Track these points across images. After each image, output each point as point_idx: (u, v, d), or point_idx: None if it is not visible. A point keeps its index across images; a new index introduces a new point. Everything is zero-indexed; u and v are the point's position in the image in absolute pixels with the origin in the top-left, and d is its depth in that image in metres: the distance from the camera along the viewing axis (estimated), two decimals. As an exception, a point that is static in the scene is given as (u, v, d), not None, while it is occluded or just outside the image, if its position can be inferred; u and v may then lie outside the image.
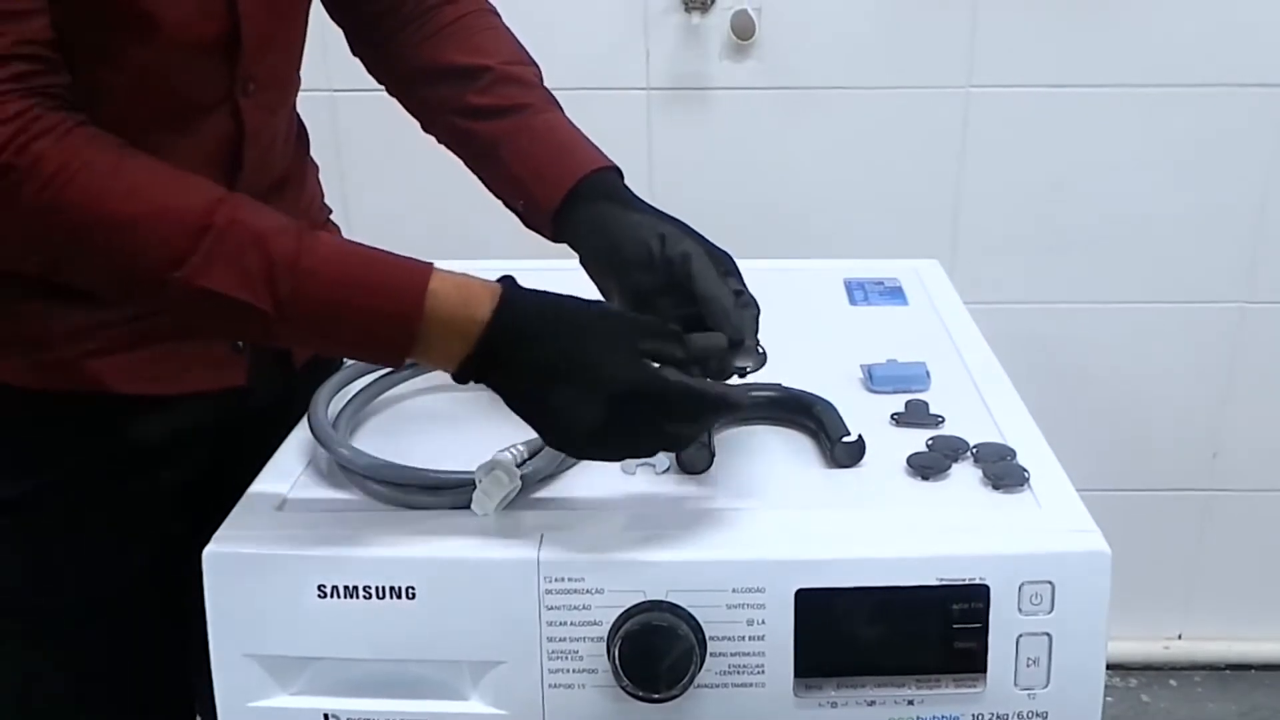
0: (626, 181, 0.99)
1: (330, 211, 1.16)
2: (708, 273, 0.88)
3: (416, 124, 1.05)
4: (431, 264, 0.80)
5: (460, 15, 1.04)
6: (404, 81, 1.05)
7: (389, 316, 0.78)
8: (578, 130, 1.01)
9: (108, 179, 0.75)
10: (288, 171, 1.04)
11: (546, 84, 1.06)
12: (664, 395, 0.79)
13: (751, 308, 0.90)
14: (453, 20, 1.03)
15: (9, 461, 0.91)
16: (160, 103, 0.87)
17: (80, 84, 0.79)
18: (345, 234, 1.17)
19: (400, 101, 1.05)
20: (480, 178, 1.01)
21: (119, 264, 0.77)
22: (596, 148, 1.00)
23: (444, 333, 0.78)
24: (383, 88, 1.07)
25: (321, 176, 1.14)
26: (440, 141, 1.03)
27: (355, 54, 1.07)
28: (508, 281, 0.81)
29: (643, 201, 0.97)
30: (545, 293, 0.81)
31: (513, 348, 0.78)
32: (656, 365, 0.80)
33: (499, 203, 1.01)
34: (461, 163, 1.02)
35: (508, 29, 1.08)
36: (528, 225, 0.98)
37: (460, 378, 0.80)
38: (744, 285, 0.92)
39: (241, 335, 0.90)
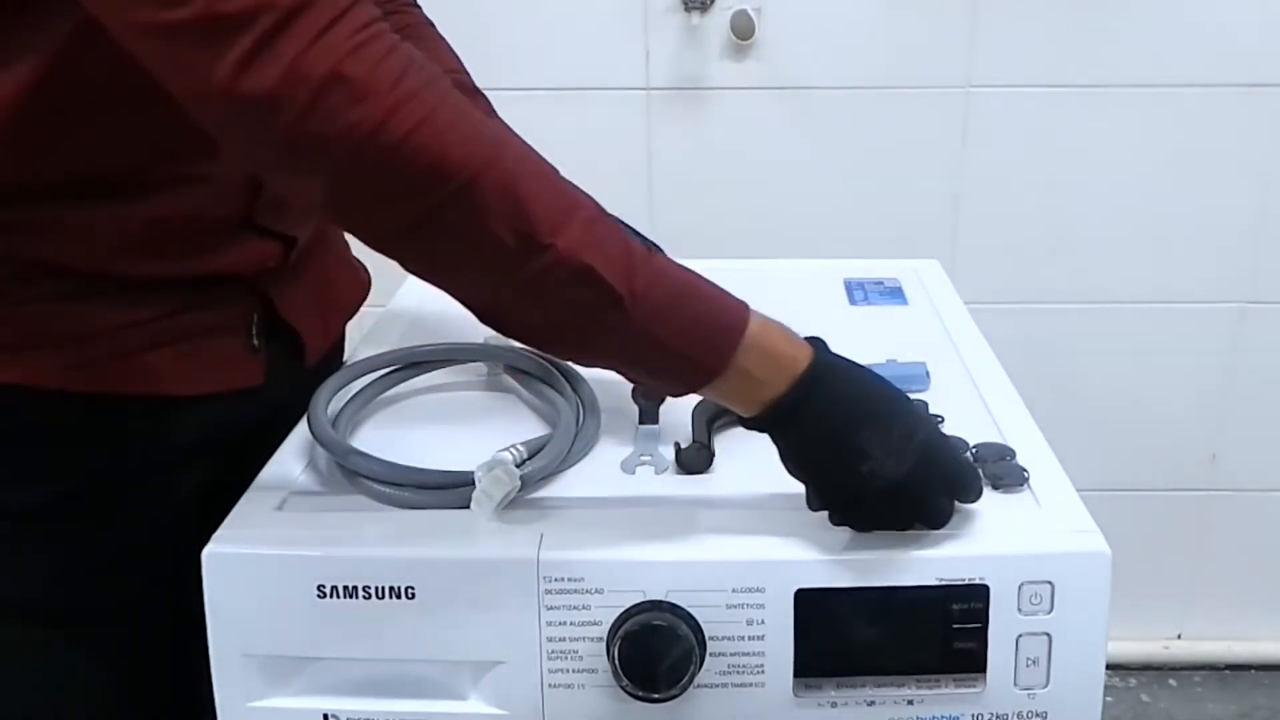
0: (626, 181, 0.99)
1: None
2: None
3: None
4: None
5: (401, 27, 1.02)
6: None
7: (719, 327, 0.77)
8: None
9: (498, 136, 0.74)
10: None
11: (546, 84, 1.06)
12: (958, 464, 0.82)
13: None
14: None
15: (33, 465, 0.91)
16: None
17: (127, 99, 0.79)
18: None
19: None
20: None
21: (506, 221, 0.72)
22: None
23: (763, 361, 0.78)
24: None
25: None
26: None
27: None
28: (818, 341, 0.83)
29: None
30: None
31: (834, 388, 0.79)
32: None
33: None
34: None
35: (444, 40, 1.09)
36: None
37: (759, 420, 0.80)
38: None
39: (571, 331, 0.80)
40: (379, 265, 1.19)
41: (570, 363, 0.81)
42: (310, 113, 0.68)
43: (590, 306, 0.75)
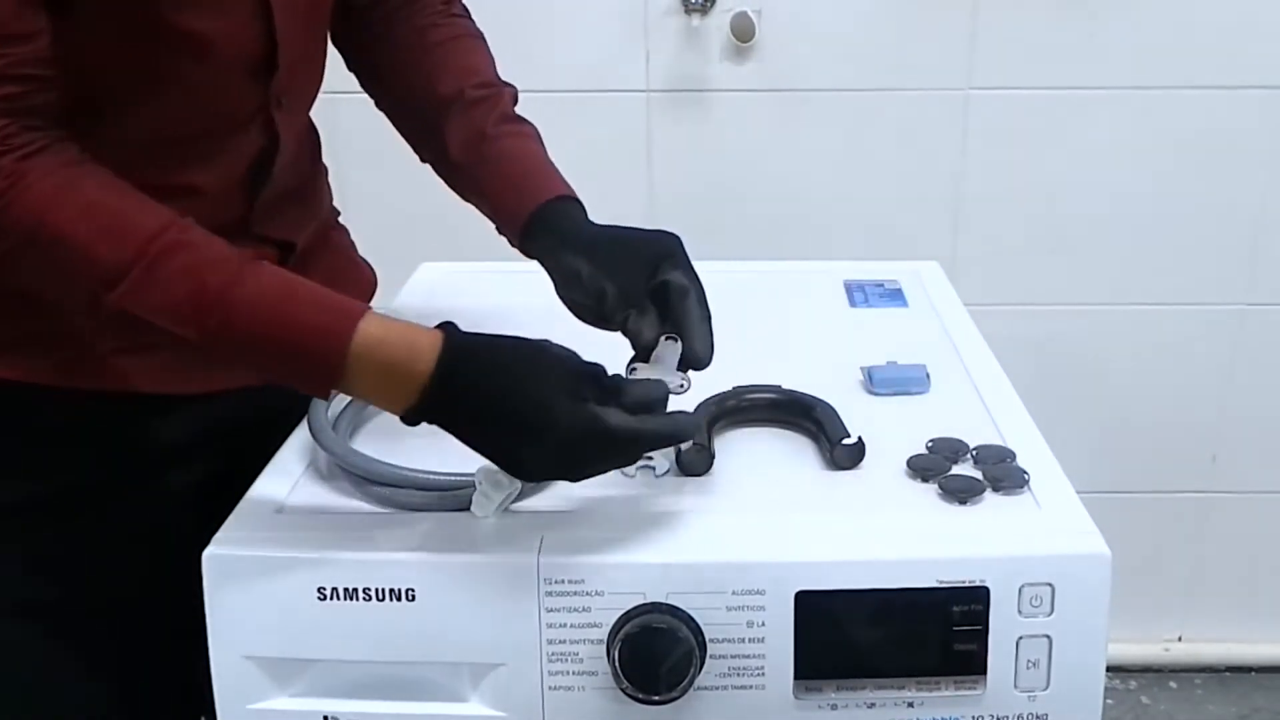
0: (626, 183, 1.00)
1: (339, 214, 1.16)
2: (635, 312, 0.88)
3: None
4: (368, 308, 0.80)
5: (440, 41, 1.05)
6: (393, 107, 1.07)
7: (313, 356, 0.79)
8: (534, 154, 1.01)
9: (60, 193, 0.77)
10: (304, 177, 1.05)
11: (547, 86, 1.07)
12: (608, 438, 0.79)
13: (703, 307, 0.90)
14: (436, 45, 1.05)
15: (28, 461, 0.91)
16: (202, 117, 0.89)
17: (125, 98, 0.81)
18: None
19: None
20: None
21: (56, 278, 0.79)
22: (550, 176, 0.99)
23: (377, 381, 0.79)
24: None
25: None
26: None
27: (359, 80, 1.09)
28: (449, 328, 0.81)
29: (584, 226, 0.96)
30: (487, 337, 0.82)
31: (456, 400, 0.79)
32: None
33: None
34: None
35: (480, 50, 1.08)
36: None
37: (407, 422, 0.80)
38: (685, 270, 0.90)
39: (178, 349, 0.86)
40: (382, 266, 1.19)
41: None
42: None
43: (172, 339, 0.79)
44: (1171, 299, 1.94)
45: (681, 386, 0.85)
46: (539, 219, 0.96)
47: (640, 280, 0.89)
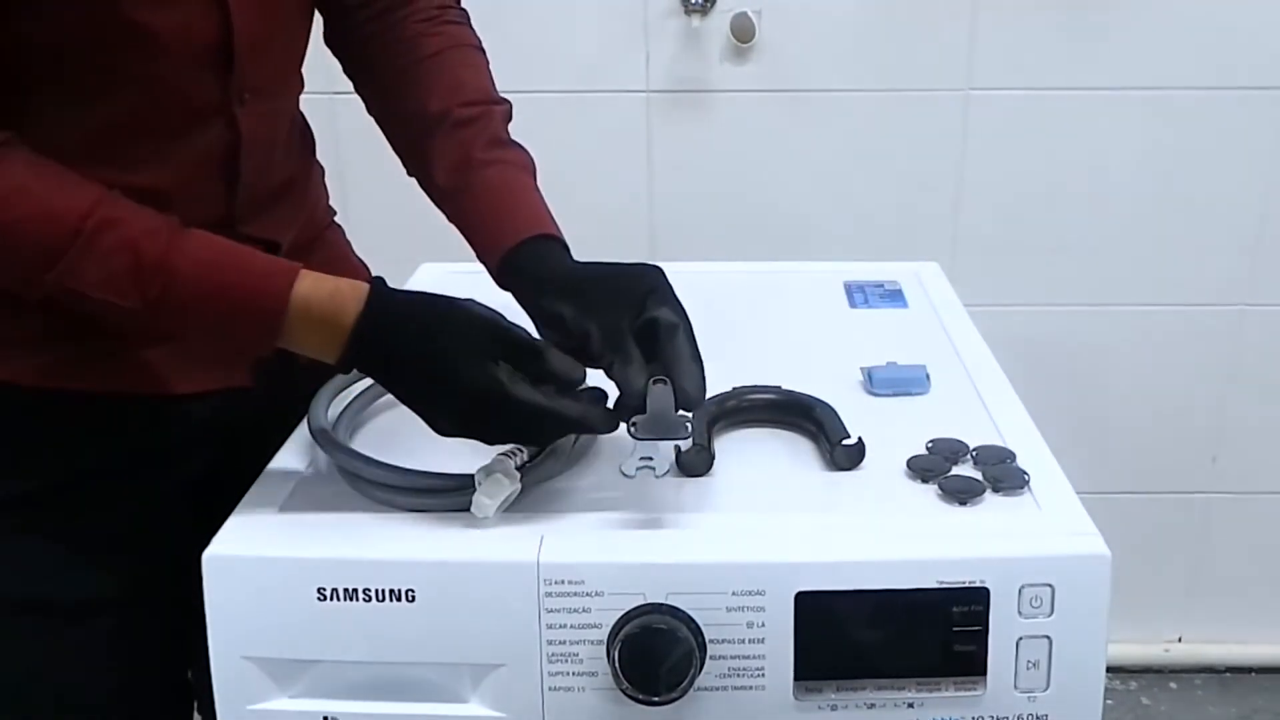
0: (626, 183, 0.99)
1: (335, 214, 1.16)
2: (619, 360, 0.85)
3: None
4: (299, 267, 0.84)
5: (432, 52, 1.02)
6: (381, 117, 1.06)
7: (253, 314, 0.82)
8: (518, 188, 0.99)
9: (21, 177, 0.78)
10: (292, 175, 1.04)
11: (547, 86, 1.06)
12: (505, 406, 0.81)
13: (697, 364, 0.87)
14: (427, 56, 1.02)
15: (17, 460, 0.91)
16: (155, 113, 0.87)
17: (72, 93, 0.81)
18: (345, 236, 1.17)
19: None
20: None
21: (5, 261, 0.80)
22: (530, 211, 0.97)
23: (311, 334, 0.83)
24: None
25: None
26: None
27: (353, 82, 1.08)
28: (377, 283, 0.85)
29: (563, 265, 0.94)
30: (413, 294, 0.87)
31: (377, 349, 0.83)
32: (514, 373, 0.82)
33: None
34: None
35: (476, 64, 1.05)
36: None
37: (341, 370, 0.85)
38: (672, 306, 0.88)
39: (119, 327, 0.87)
40: (382, 266, 1.19)
41: None
42: None
43: (112, 316, 0.81)
44: (1171, 299, 1.94)
45: (686, 428, 0.83)
46: (515, 258, 0.94)
47: (625, 318, 0.86)
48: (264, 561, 0.81)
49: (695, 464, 0.90)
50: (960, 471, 0.89)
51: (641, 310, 0.87)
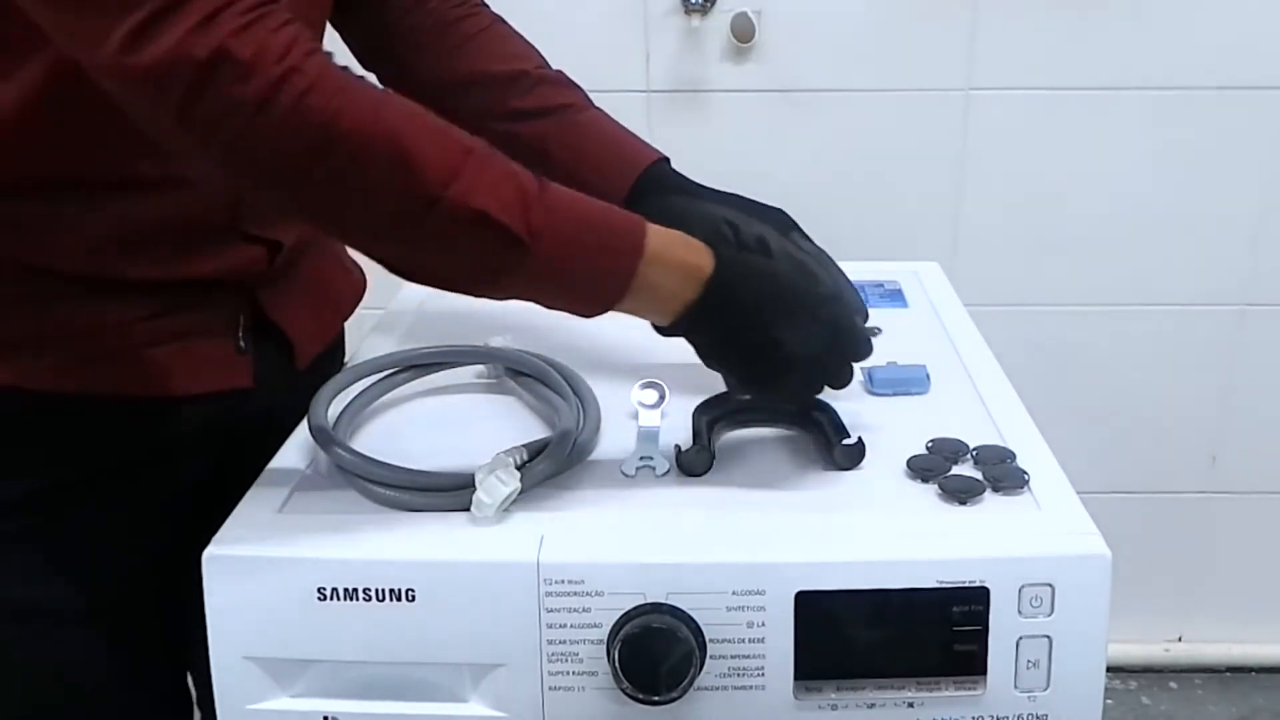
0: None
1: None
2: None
3: None
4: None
5: (484, 26, 1.08)
6: (433, 94, 1.04)
7: (617, 251, 0.81)
8: (621, 125, 1.06)
9: (383, 97, 0.77)
10: None
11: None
12: (854, 331, 0.89)
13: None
14: (478, 31, 1.07)
15: (19, 462, 0.91)
16: None
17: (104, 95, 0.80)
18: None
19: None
20: None
21: (398, 178, 0.75)
22: (643, 141, 1.06)
23: (668, 273, 0.82)
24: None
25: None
26: None
27: (368, 69, 1.07)
28: (716, 234, 0.86)
29: (701, 186, 1.03)
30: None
31: (740, 286, 0.84)
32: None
33: None
34: None
35: (517, 34, 1.11)
36: None
37: (674, 327, 0.85)
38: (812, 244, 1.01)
39: (479, 274, 0.82)
40: (376, 268, 1.19)
41: (486, 298, 0.86)
42: (196, 90, 0.70)
43: (492, 249, 0.78)
44: (1171, 299, 1.94)
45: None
46: (657, 174, 1.01)
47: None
48: (264, 561, 0.81)
49: (695, 464, 0.90)
50: (960, 471, 0.89)
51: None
